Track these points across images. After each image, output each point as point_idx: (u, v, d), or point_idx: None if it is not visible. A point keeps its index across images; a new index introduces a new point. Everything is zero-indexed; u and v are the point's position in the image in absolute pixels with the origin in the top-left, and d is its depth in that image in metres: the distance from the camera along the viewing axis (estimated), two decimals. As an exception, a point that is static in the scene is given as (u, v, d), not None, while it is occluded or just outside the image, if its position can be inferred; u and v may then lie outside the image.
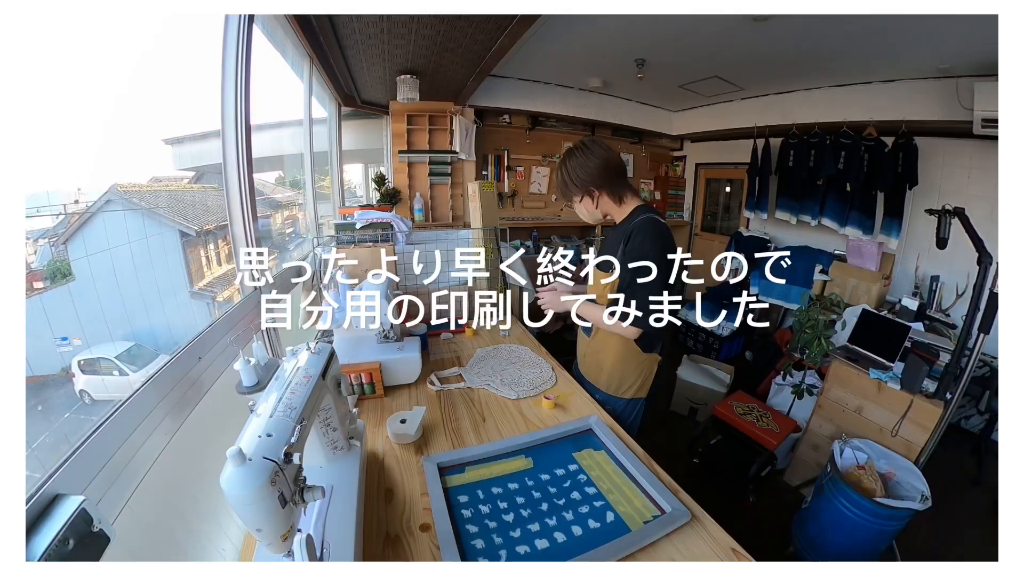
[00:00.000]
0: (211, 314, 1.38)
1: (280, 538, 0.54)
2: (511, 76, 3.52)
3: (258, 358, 1.00)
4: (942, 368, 1.80)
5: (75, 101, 1.17)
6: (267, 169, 3.29)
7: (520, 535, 0.79)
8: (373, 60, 2.47)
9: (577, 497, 0.88)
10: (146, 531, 0.74)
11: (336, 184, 3.44)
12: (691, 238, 5.14)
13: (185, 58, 1.45)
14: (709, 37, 2.50)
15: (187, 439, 0.88)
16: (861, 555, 1.57)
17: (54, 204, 1.35)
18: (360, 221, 1.87)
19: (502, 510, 0.84)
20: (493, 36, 2.11)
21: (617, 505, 0.85)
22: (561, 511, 0.84)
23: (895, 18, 1.94)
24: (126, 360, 1.55)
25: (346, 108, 3.36)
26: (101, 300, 1.37)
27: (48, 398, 1.26)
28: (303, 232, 3.07)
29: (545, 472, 0.95)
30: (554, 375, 1.41)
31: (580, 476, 0.94)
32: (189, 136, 2.09)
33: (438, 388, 1.32)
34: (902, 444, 1.78)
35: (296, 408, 0.62)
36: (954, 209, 1.82)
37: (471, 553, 0.74)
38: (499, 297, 1.69)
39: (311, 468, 0.80)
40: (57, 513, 0.51)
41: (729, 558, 0.73)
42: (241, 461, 0.49)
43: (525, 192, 4.32)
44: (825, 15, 2.00)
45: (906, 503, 1.49)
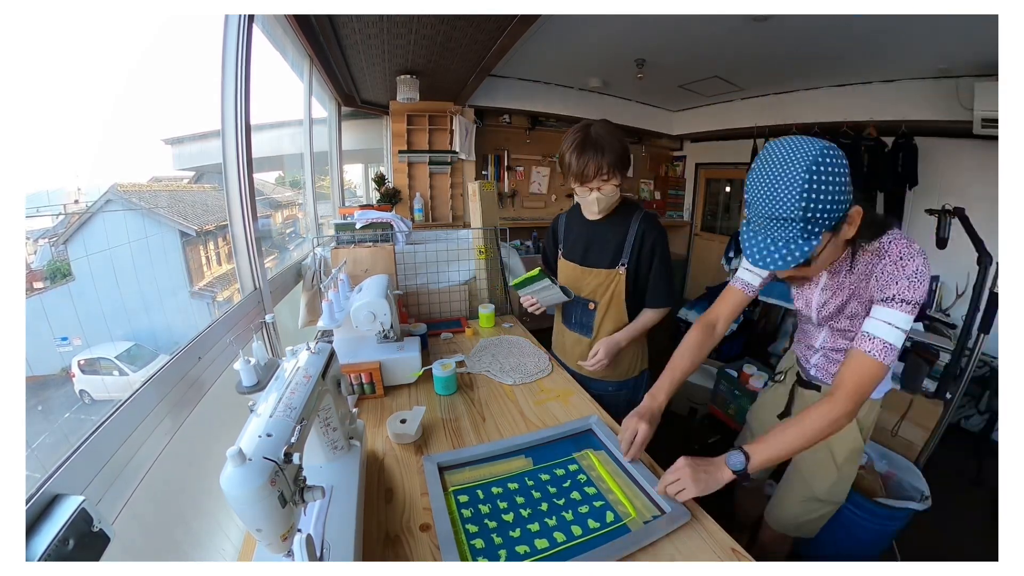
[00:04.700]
0: (211, 314, 1.38)
1: (280, 538, 0.54)
2: (511, 76, 3.52)
3: (258, 358, 0.99)
4: (942, 368, 1.80)
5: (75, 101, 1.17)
6: (267, 169, 3.29)
7: (520, 535, 0.78)
8: (373, 60, 2.47)
9: (577, 497, 0.87)
10: (146, 531, 0.74)
11: (336, 184, 3.45)
12: (691, 238, 5.14)
13: (185, 58, 1.45)
14: (709, 37, 2.50)
15: (187, 439, 0.88)
16: (861, 555, 1.57)
17: (54, 204, 1.35)
18: (360, 221, 1.87)
19: (502, 510, 0.83)
20: (493, 36, 2.12)
21: (617, 505, 0.85)
22: (561, 511, 0.84)
23: (895, 18, 1.94)
24: (126, 360, 1.55)
25: (346, 108, 3.36)
26: (101, 300, 1.37)
27: (48, 398, 1.26)
28: (303, 232, 3.07)
29: (545, 472, 0.94)
30: (550, 365, 1.44)
31: (580, 476, 0.93)
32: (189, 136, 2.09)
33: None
34: (902, 444, 1.78)
35: (296, 408, 0.62)
36: (954, 209, 1.83)
37: (471, 553, 0.74)
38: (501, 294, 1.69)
39: (311, 468, 0.80)
40: (57, 513, 0.51)
41: (729, 558, 0.73)
42: (241, 461, 0.49)
43: (525, 192, 4.32)
44: (825, 15, 2.00)
45: (906, 503, 1.49)
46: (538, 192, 4.36)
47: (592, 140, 1.20)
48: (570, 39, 2.70)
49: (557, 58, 3.04)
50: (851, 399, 0.82)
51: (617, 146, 1.19)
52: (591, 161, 1.19)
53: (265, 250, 1.43)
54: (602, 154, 1.18)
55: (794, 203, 0.71)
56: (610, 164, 1.20)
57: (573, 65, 3.23)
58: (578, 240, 1.40)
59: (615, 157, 1.19)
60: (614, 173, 1.22)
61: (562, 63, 3.18)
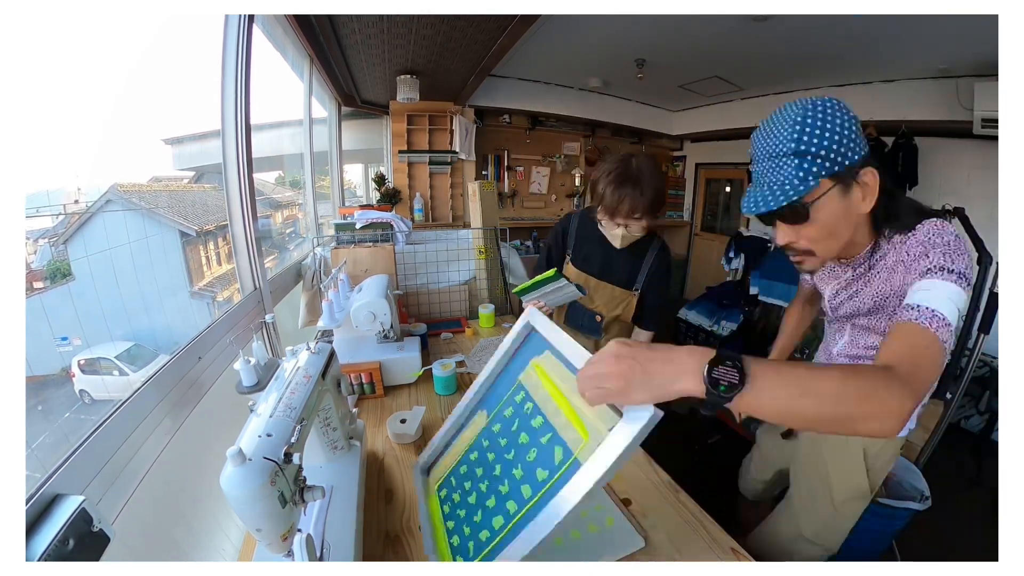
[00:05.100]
0: (211, 314, 1.38)
1: (280, 538, 0.54)
2: (511, 76, 3.52)
3: (258, 358, 0.99)
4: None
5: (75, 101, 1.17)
6: (267, 169, 3.29)
7: (481, 518, 0.66)
8: (373, 60, 2.47)
9: (524, 440, 0.67)
10: (146, 531, 0.74)
11: (336, 184, 3.44)
12: (691, 238, 5.14)
13: (185, 58, 1.45)
14: (709, 37, 2.50)
15: (187, 439, 0.88)
16: (861, 555, 1.57)
17: (54, 204, 1.36)
18: (360, 221, 1.87)
19: (467, 492, 0.72)
20: (493, 36, 2.11)
21: (566, 431, 0.61)
22: (511, 469, 0.66)
23: (895, 18, 1.94)
24: (126, 360, 1.55)
25: (346, 108, 3.36)
26: (101, 300, 1.37)
27: (48, 398, 1.26)
28: (303, 232, 3.07)
29: (496, 421, 0.75)
30: None
31: (526, 405, 0.71)
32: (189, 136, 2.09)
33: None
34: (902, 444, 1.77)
35: (296, 408, 0.62)
36: (954, 209, 1.82)
37: (452, 553, 0.67)
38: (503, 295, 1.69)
39: (311, 468, 0.80)
40: (57, 513, 0.51)
41: (729, 558, 0.73)
42: (241, 461, 0.49)
43: (525, 192, 4.32)
44: (825, 15, 2.00)
45: (906, 503, 1.49)
46: (538, 192, 4.35)
47: (632, 176, 1.13)
48: (570, 39, 2.70)
49: (557, 58, 3.04)
50: (910, 380, 0.54)
51: (657, 186, 1.14)
52: (628, 198, 1.13)
53: (265, 250, 1.43)
54: (640, 192, 1.12)
55: (787, 134, 0.67)
56: (646, 205, 1.14)
57: (573, 65, 3.23)
58: (594, 253, 1.39)
59: (652, 198, 1.14)
60: (648, 214, 1.17)
61: (562, 63, 3.18)
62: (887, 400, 0.51)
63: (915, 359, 0.58)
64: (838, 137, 0.66)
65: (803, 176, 0.67)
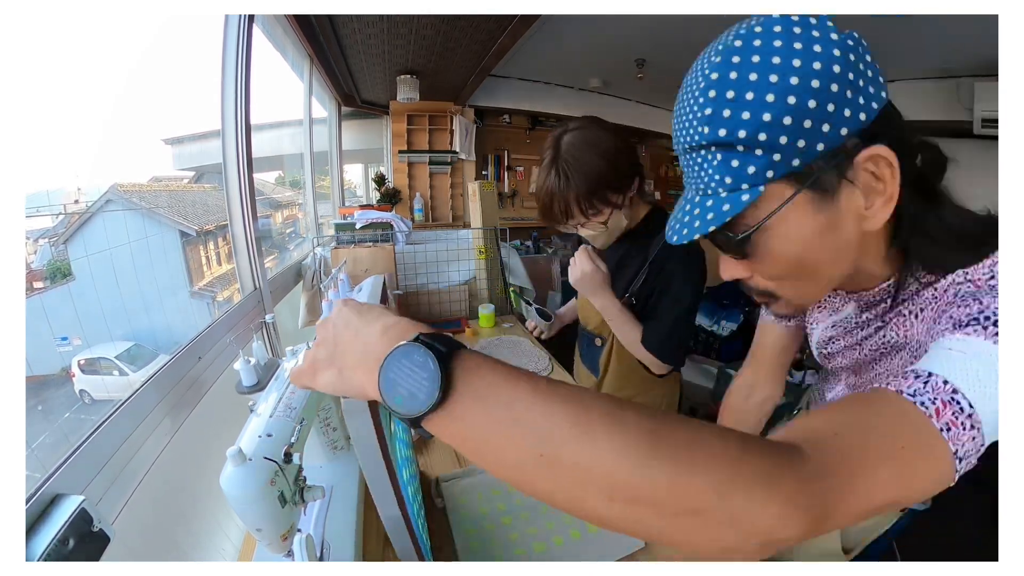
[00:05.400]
0: (211, 314, 1.38)
1: (280, 538, 0.54)
2: (511, 76, 3.52)
3: (258, 358, 0.99)
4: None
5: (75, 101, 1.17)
6: (267, 169, 3.30)
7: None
8: (373, 60, 2.47)
9: None
10: (146, 531, 0.74)
11: (336, 184, 3.45)
12: (691, 238, 5.14)
13: (185, 58, 1.45)
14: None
15: (187, 439, 0.88)
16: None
17: (54, 204, 1.36)
18: (360, 221, 1.87)
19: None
20: (493, 36, 2.12)
21: None
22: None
23: (895, 18, 1.94)
24: (126, 360, 1.55)
25: (346, 108, 3.36)
26: (101, 300, 1.37)
27: (48, 398, 1.26)
28: (303, 232, 3.07)
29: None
30: (550, 365, 1.44)
31: None
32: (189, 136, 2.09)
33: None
34: (902, 444, 1.77)
35: (296, 408, 0.62)
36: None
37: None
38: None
39: (311, 468, 0.80)
40: (57, 513, 0.51)
41: (729, 558, 0.73)
42: (241, 461, 0.49)
43: (525, 192, 4.32)
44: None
45: (906, 503, 1.49)
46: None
47: (559, 163, 0.85)
48: (570, 39, 2.70)
49: (557, 58, 3.04)
50: (821, 474, 0.29)
51: (592, 168, 0.84)
52: (555, 197, 0.83)
53: (265, 250, 1.43)
54: (567, 184, 0.82)
55: (695, 108, 0.40)
56: (580, 198, 0.82)
57: (573, 65, 3.23)
58: (606, 256, 1.10)
59: (588, 186, 0.82)
60: (591, 207, 0.85)
61: (562, 63, 3.18)
62: (745, 495, 0.26)
63: (851, 445, 0.31)
64: (796, 99, 0.36)
65: (731, 182, 0.39)
